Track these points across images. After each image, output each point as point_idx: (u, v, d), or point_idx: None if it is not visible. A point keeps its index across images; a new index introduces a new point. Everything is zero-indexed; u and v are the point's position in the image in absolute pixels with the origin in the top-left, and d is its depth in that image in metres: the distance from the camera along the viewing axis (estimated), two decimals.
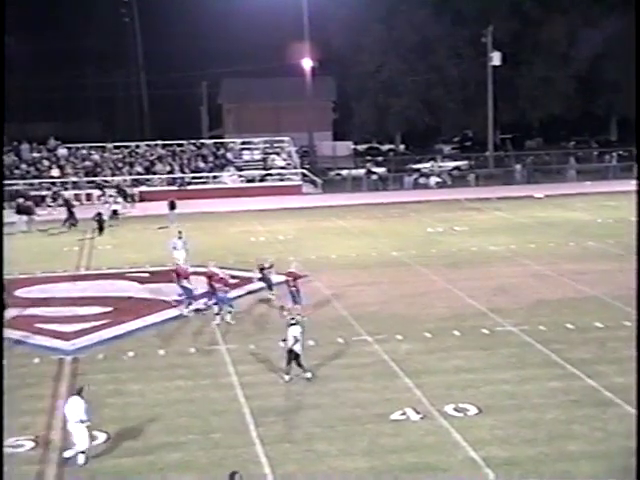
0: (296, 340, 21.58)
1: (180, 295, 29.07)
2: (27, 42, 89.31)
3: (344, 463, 17.10)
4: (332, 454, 17.52)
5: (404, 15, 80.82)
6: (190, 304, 28.58)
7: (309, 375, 21.83)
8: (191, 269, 30.29)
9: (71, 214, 48.96)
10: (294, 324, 21.83)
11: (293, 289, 27.88)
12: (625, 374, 20.61)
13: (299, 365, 21.78)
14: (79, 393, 18.01)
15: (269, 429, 18.79)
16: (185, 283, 28.62)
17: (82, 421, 17.58)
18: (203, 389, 21.45)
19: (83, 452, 17.51)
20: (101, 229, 45.12)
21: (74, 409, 17.68)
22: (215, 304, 27.77)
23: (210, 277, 28.01)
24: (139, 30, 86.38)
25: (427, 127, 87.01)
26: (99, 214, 45.75)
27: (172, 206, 49.36)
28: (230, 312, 27.34)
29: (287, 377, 21.76)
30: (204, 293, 28.95)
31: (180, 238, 34.55)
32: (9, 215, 48.63)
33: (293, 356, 21.67)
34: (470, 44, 79.54)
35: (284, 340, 21.93)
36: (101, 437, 18.56)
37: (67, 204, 50.57)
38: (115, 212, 49.48)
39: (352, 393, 20.83)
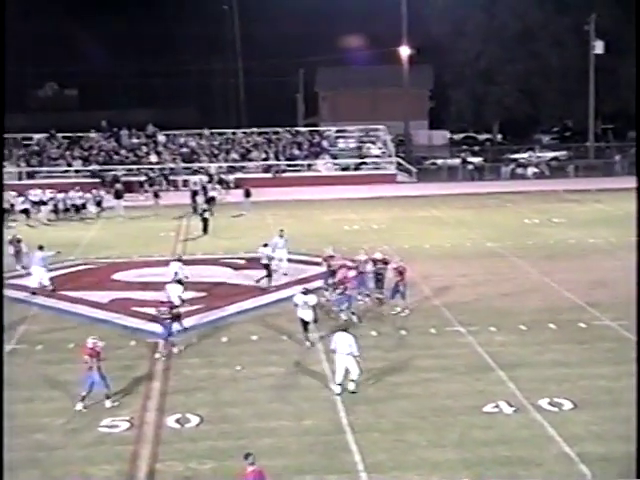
0: (311, 308, 23.49)
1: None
2: (127, 29, 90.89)
3: (434, 454, 16.99)
4: (422, 445, 17.42)
5: (506, 2, 79.61)
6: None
7: (308, 344, 23.62)
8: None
9: (204, 201, 48.94)
10: (305, 293, 23.87)
11: (401, 283, 26.85)
12: None
13: (305, 330, 23.67)
14: (346, 330, 20.25)
15: (359, 417, 18.77)
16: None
17: (353, 354, 19.70)
18: (294, 376, 21.56)
19: (353, 380, 19.94)
20: (205, 228, 42.00)
21: (344, 342, 19.78)
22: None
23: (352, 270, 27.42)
24: (237, 17, 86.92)
25: (526, 116, 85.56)
26: (204, 211, 43.18)
27: (247, 194, 49.62)
28: (354, 313, 26.20)
29: (307, 344, 23.69)
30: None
31: (282, 237, 32.69)
32: (108, 200, 49.56)
33: (303, 323, 23.69)
34: (572, 32, 77.84)
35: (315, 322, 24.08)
36: (194, 420, 18.82)
37: (204, 190, 50.96)
38: (212, 199, 49.51)
39: (444, 384, 20.68)
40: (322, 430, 18.23)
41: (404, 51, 69.62)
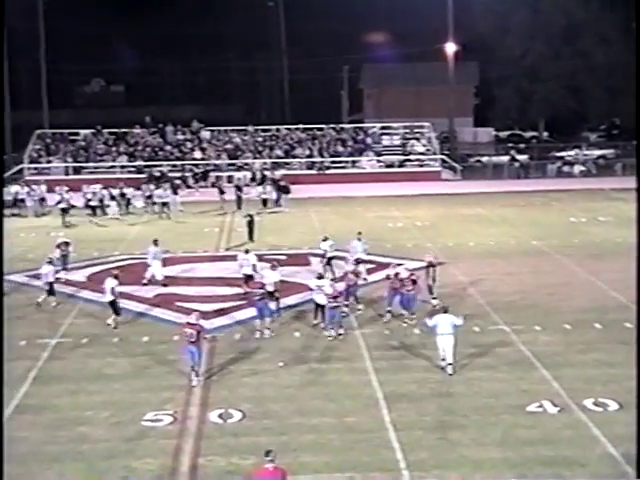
0: (322, 292, 24.42)
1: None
2: (174, 26, 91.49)
3: (477, 453, 16.90)
4: (465, 443, 17.33)
5: None
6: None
7: (314, 322, 25.05)
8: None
9: (278, 197, 49.39)
10: (319, 277, 25.48)
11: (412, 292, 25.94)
12: None
13: (317, 312, 25.00)
14: (445, 311, 21.33)
15: (402, 415, 18.72)
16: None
17: (452, 334, 20.79)
18: (337, 372, 21.55)
19: (450, 364, 20.92)
20: (251, 234, 39.08)
21: (446, 323, 20.89)
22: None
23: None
24: (283, 14, 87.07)
25: (572, 114, 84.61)
26: (251, 217, 39.84)
27: (286, 191, 49.40)
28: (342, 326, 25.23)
29: (315, 321, 25.16)
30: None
31: (360, 240, 31.43)
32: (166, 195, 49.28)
33: (317, 306, 24.94)
34: (619, 29, 76.88)
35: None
36: (237, 415, 18.89)
37: (277, 185, 51.03)
38: (265, 202, 48.94)
39: (487, 383, 20.56)
40: (364, 427, 18.20)
41: (450, 48, 69.26)
